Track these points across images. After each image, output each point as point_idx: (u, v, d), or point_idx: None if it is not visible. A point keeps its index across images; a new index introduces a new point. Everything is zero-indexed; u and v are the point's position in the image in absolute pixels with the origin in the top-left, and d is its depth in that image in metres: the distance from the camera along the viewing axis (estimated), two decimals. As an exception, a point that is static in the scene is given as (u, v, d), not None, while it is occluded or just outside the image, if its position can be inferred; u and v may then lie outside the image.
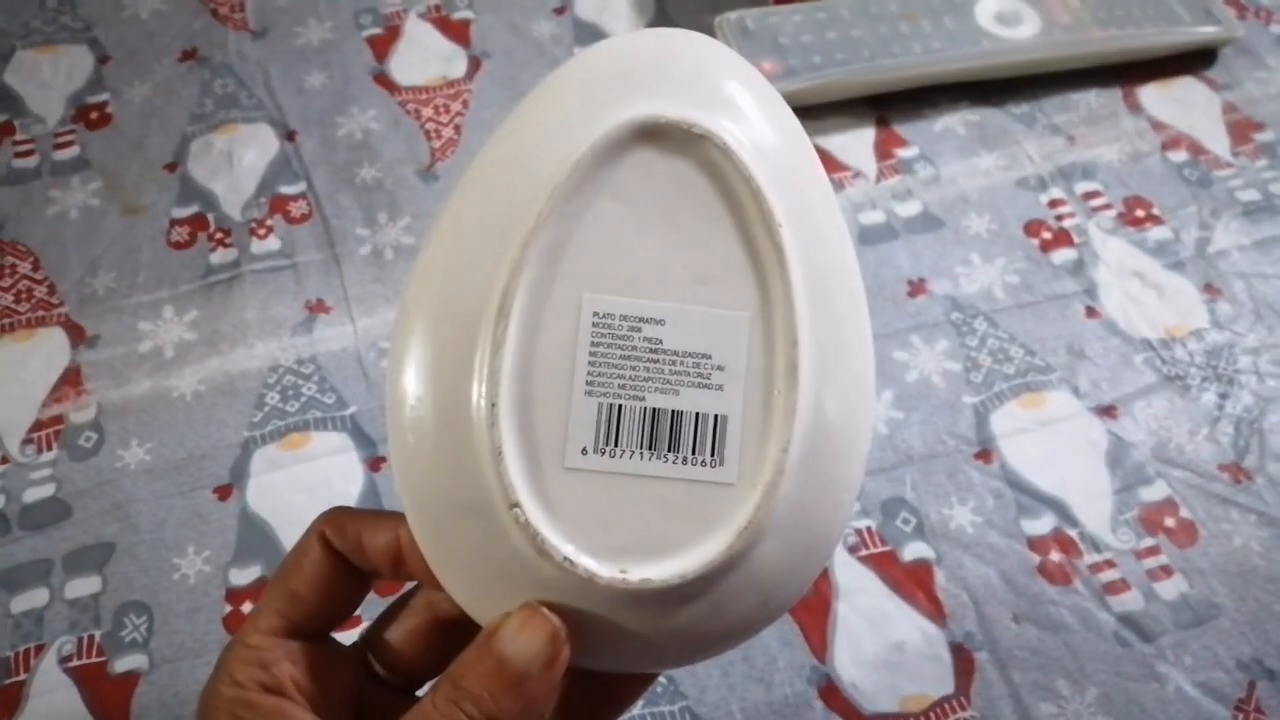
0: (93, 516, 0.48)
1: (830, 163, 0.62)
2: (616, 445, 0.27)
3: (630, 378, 0.27)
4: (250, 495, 0.49)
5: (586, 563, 0.26)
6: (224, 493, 0.49)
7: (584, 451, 0.27)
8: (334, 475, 0.50)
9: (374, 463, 0.50)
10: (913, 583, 0.47)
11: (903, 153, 0.62)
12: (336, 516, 0.31)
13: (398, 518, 0.30)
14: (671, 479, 0.27)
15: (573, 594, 0.26)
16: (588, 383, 0.27)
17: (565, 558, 0.26)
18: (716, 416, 0.28)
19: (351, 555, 0.31)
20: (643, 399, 0.27)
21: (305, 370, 0.53)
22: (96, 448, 0.50)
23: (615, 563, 0.26)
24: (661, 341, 0.28)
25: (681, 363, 0.28)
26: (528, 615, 0.26)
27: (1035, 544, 0.48)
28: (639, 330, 0.28)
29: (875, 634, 0.46)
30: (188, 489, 0.49)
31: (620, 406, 0.27)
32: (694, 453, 0.27)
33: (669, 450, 0.27)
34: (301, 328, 0.54)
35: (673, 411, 0.28)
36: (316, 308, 0.55)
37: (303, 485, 0.49)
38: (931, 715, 0.44)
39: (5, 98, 0.65)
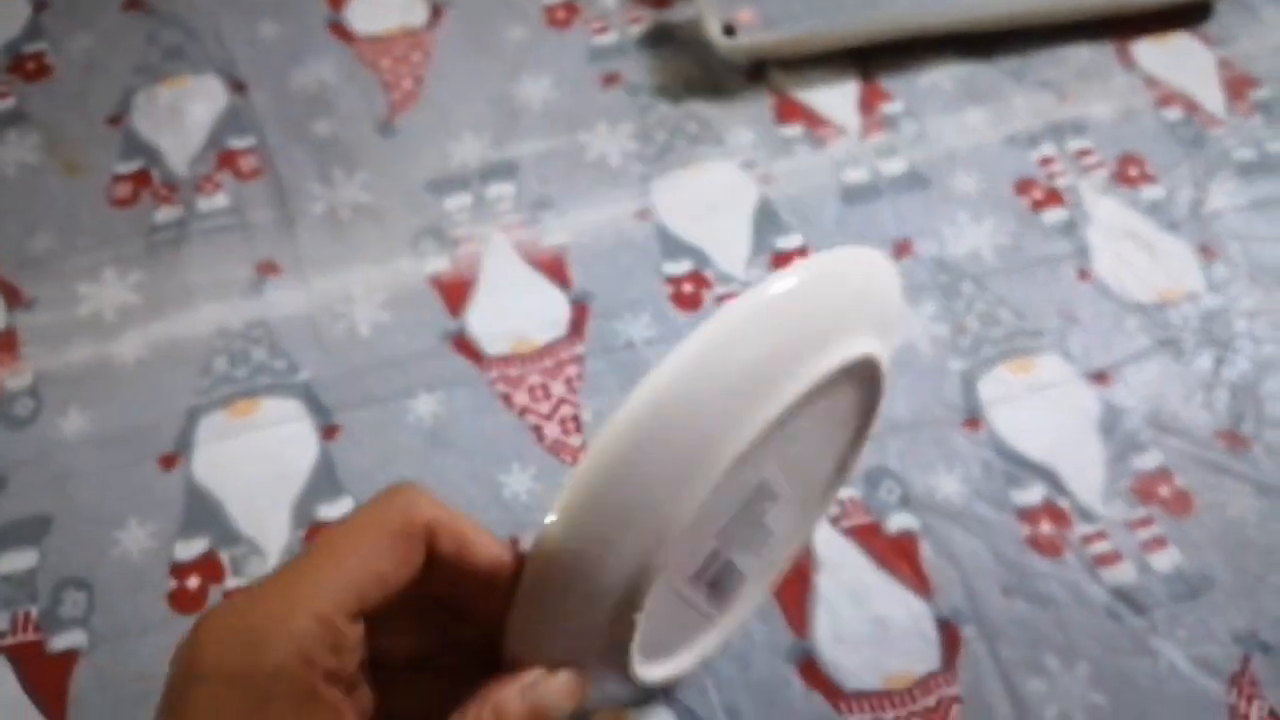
0: (29, 488, 0.45)
1: (812, 118, 0.59)
2: (699, 579, 0.34)
3: (737, 534, 0.34)
4: (197, 465, 0.46)
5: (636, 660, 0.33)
6: (168, 462, 0.46)
7: (686, 577, 0.33)
8: (286, 444, 0.47)
9: (328, 430, 0.47)
10: (897, 555, 0.45)
11: (887, 108, 0.60)
12: (443, 520, 0.30)
13: (493, 539, 0.31)
14: (699, 608, 0.35)
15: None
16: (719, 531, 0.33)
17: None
18: (740, 574, 0.35)
19: (448, 561, 0.30)
20: (731, 554, 0.34)
21: (255, 334, 0.50)
22: (33, 416, 0.47)
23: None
24: (765, 516, 0.34)
25: (764, 535, 0.35)
26: (575, 682, 0.32)
27: (1025, 515, 0.46)
28: (762, 505, 0.34)
29: (858, 609, 0.44)
30: (130, 460, 0.46)
31: (718, 551, 0.33)
32: (720, 595, 0.35)
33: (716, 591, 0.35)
34: (251, 290, 0.51)
35: (736, 565, 0.35)
36: (267, 269, 0.52)
37: (253, 454, 0.46)
38: (916, 692, 0.42)
39: (-62, 47, 0.61)
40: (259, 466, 0.46)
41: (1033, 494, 0.47)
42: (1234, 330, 0.52)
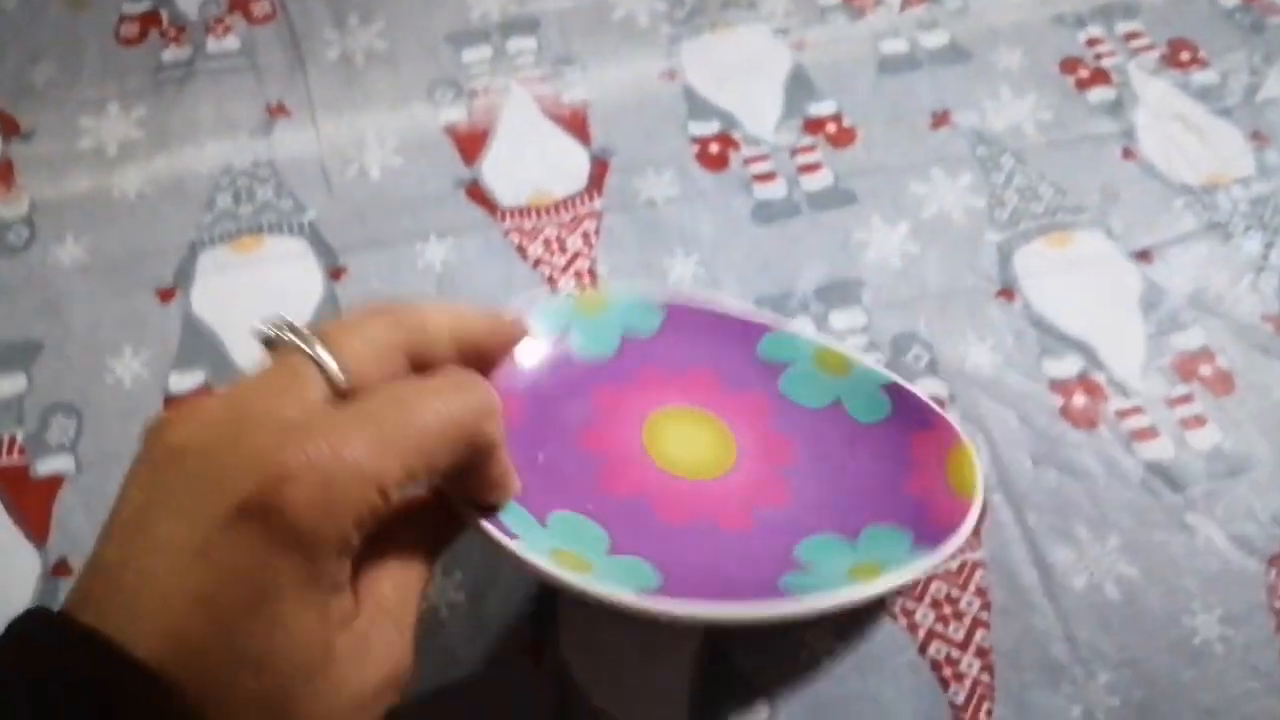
0: (19, 313, 0.44)
1: (850, -12, 0.56)
2: None
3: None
4: (195, 298, 0.44)
5: None
6: (166, 295, 0.44)
7: None
8: (290, 282, 0.45)
9: (335, 271, 0.45)
10: (923, 420, 0.43)
11: (930, -19, 0.57)
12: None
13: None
14: None
15: None
16: None
17: None
18: None
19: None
20: None
21: (261, 174, 0.48)
22: (27, 244, 0.46)
23: None
24: None
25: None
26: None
27: (1058, 386, 0.44)
28: None
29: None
30: (126, 289, 0.44)
31: None
32: None
33: None
34: (260, 130, 0.49)
35: None
36: (277, 110, 0.50)
37: (254, 290, 0.45)
38: (938, 557, 0.40)
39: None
40: (260, 302, 0.44)
41: (1067, 366, 0.45)
42: (1286, 215, 0.49)
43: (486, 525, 0.33)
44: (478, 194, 0.48)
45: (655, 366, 0.42)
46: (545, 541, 0.35)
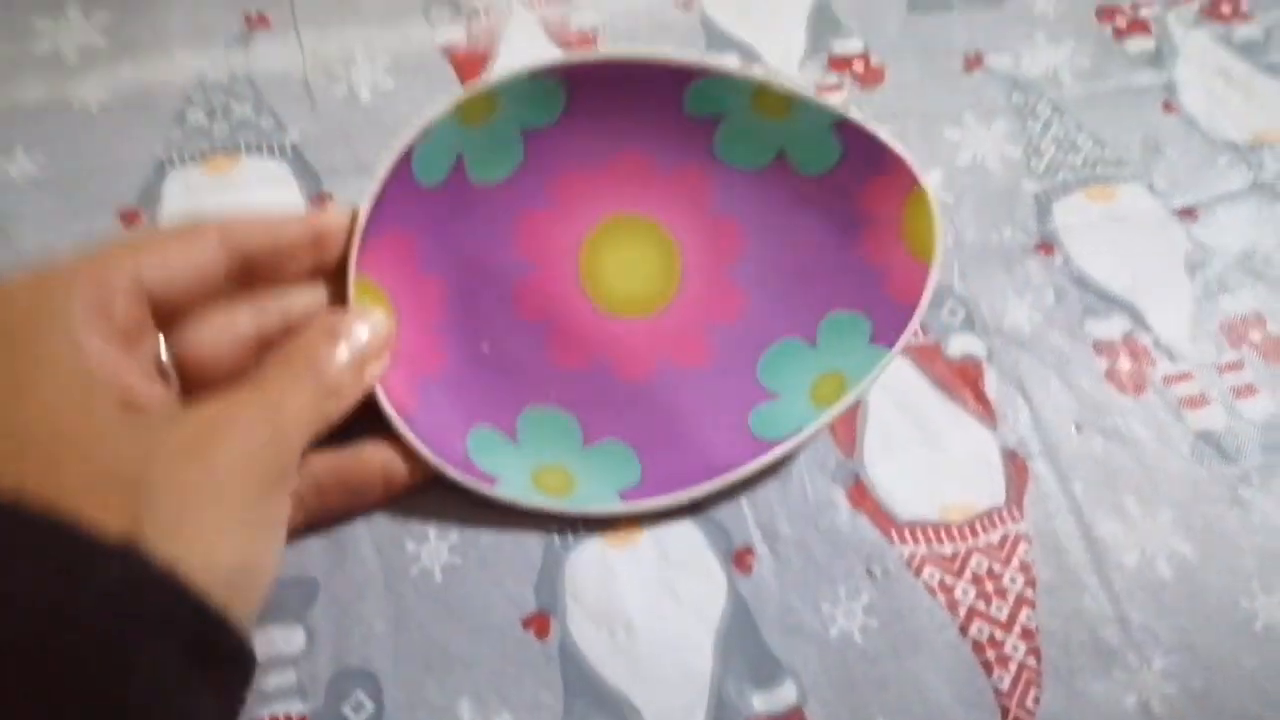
0: (-41, 231, 0.39)
1: (877, -76, 0.53)
2: None
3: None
4: (163, 220, 0.40)
5: None
6: (130, 217, 0.40)
7: None
8: (267, 207, 0.40)
9: (318, 198, 0.41)
10: (959, 379, 0.40)
11: (962, -81, 0.53)
12: (241, 218, 0.31)
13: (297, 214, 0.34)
14: None
15: None
16: None
17: None
18: None
19: (264, 251, 0.31)
20: None
21: (238, 89, 0.43)
22: (-30, 155, 0.41)
23: None
24: None
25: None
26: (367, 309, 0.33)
27: (1102, 348, 0.41)
28: None
29: (914, 431, 0.38)
30: (84, 209, 0.39)
31: None
32: None
33: None
34: (236, 41, 0.44)
35: None
36: (257, 22, 0.45)
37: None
38: (978, 526, 0.37)
39: None
40: (235, 228, 0.40)
41: (1111, 326, 0.42)
42: (1335, 178, 0.46)
43: (463, 479, 0.32)
44: (477, 120, 0.43)
45: (571, 167, 0.37)
46: (521, 464, 0.35)
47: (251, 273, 0.31)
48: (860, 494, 0.37)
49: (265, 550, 0.28)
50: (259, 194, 0.40)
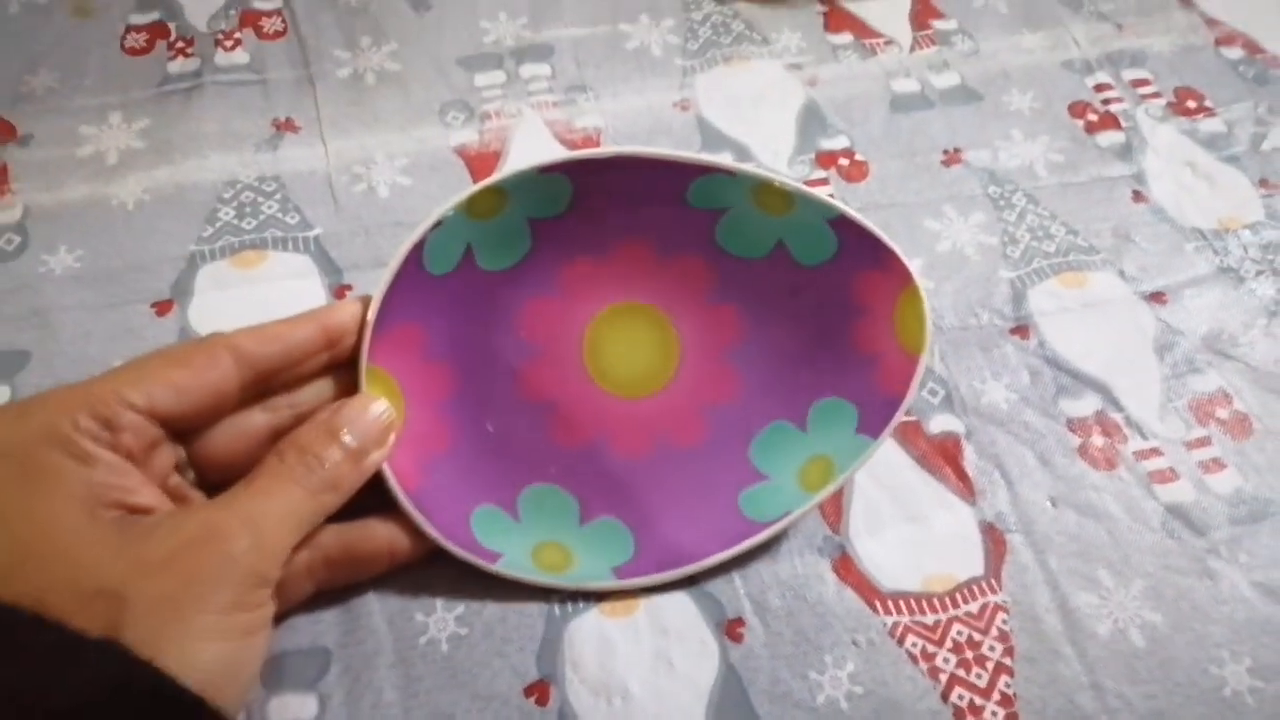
0: (7, 321, 0.42)
1: (862, 29, 0.56)
2: None
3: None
4: (193, 313, 0.43)
5: None
6: (163, 308, 0.43)
7: None
8: (292, 299, 0.43)
9: (339, 290, 0.44)
10: (939, 455, 0.42)
11: (940, 25, 0.57)
12: (248, 332, 0.33)
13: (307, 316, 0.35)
14: None
15: None
16: None
17: None
18: None
19: (274, 359, 0.33)
20: None
21: (267, 188, 0.47)
22: (18, 251, 0.44)
23: None
24: None
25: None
26: (370, 400, 0.35)
27: (1076, 425, 0.43)
28: None
29: (896, 506, 0.41)
30: (121, 301, 0.43)
31: None
32: None
33: None
34: (266, 145, 0.48)
35: None
36: (285, 126, 0.49)
37: (254, 307, 0.42)
38: (958, 596, 0.39)
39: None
40: (260, 318, 0.42)
41: (1084, 405, 0.44)
42: (1297, 263, 0.49)
43: (468, 556, 0.34)
44: (487, 216, 0.47)
45: (577, 256, 0.39)
46: (522, 541, 0.36)
47: (266, 380, 0.33)
48: (846, 567, 0.39)
49: (244, 648, 0.29)
50: (284, 286, 0.44)
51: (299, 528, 0.31)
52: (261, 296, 0.43)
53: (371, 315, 0.35)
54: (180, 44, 0.52)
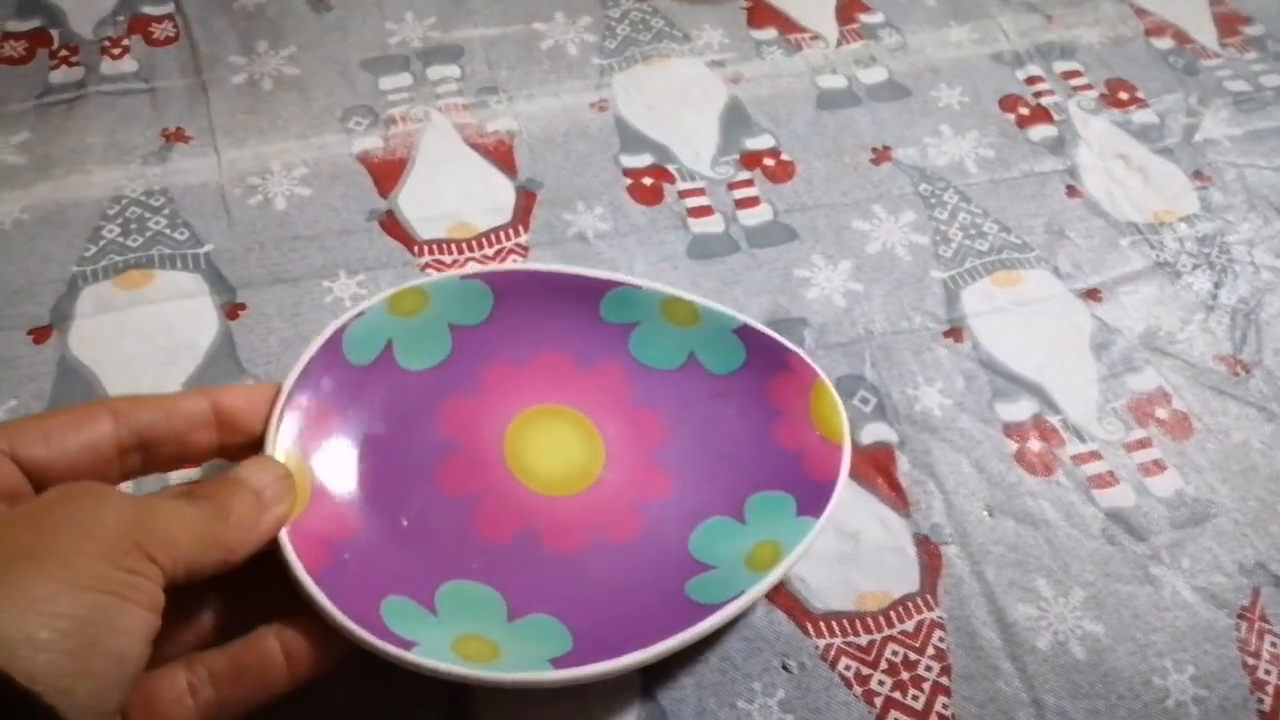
0: None
1: (787, 24, 0.55)
2: None
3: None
4: (73, 339, 0.40)
5: None
6: (41, 335, 0.40)
7: None
8: (180, 320, 0.41)
9: (231, 310, 0.41)
10: (872, 467, 0.40)
11: (866, 18, 0.56)
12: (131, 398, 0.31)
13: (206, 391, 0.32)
14: None
15: None
16: None
17: None
18: None
19: (150, 427, 0.31)
20: None
21: (154, 203, 0.44)
22: (-119, 276, 0.41)
23: None
24: None
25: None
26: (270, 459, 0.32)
27: (1012, 430, 0.42)
28: None
29: (827, 522, 0.39)
30: (-5, 328, 0.40)
31: None
32: None
33: None
34: (154, 157, 0.45)
35: None
36: (175, 136, 0.46)
37: (140, 330, 0.40)
38: (892, 615, 0.37)
39: None
40: (147, 343, 0.40)
41: (1021, 409, 0.42)
42: (1232, 255, 0.48)
43: (376, 642, 0.30)
44: (393, 226, 0.44)
45: (497, 362, 0.39)
46: (441, 633, 0.32)
47: (151, 449, 0.31)
48: (775, 588, 0.37)
49: (103, 610, 0.25)
50: (173, 307, 0.41)
51: (191, 534, 0.28)
52: (148, 318, 0.40)
53: (288, 385, 0.34)
54: (64, 52, 0.48)
